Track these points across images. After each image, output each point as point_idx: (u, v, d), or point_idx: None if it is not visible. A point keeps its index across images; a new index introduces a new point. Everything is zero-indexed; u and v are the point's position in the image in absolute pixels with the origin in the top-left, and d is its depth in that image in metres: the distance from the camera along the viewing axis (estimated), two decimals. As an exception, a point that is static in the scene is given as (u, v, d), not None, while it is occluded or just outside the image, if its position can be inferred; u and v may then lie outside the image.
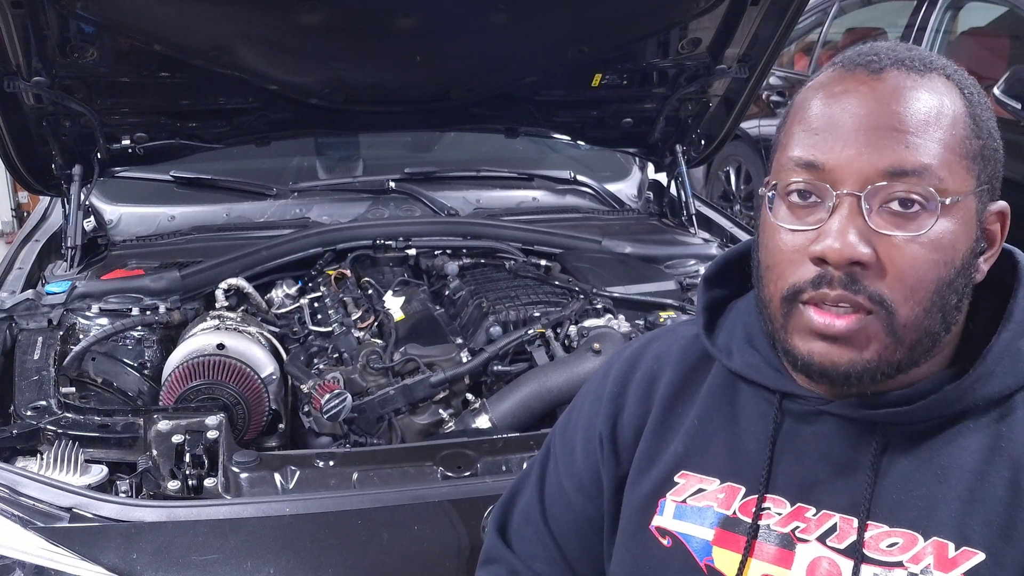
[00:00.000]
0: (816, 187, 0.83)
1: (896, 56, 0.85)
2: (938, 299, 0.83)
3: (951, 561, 0.82)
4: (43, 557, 1.30)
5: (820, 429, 0.91)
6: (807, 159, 0.84)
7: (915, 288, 0.81)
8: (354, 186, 2.80)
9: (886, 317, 0.82)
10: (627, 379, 1.06)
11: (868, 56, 0.86)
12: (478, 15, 2.14)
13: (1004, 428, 0.85)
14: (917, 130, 0.81)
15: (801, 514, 0.90)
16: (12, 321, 1.98)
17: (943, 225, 0.81)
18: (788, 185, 0.85)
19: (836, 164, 0.82)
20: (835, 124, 0.83)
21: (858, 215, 0.81)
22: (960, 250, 0.83)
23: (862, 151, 0.81)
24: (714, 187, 5.90)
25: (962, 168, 0.82)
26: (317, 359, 2.02)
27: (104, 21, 2.02)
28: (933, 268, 0.82)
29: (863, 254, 0.80)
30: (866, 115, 0.82)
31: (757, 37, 2.38)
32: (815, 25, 5.61)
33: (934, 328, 0.84)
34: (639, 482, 1.00)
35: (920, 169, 0.80)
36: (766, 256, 0.88)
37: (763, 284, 0.89)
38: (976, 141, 0.83)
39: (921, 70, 0.84)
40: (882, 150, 0.81)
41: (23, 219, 5.44)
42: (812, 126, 0.84)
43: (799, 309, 0.85)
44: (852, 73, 0.85)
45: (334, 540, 1.38)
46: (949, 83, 0.84)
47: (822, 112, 0.84)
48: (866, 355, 0.83)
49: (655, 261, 2.46)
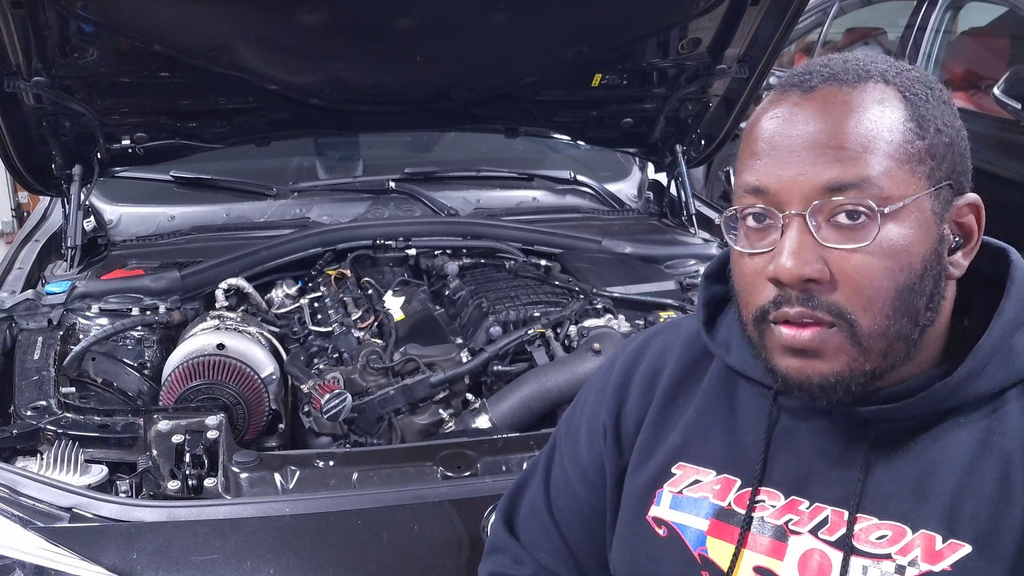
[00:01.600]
0: (766, 210, 0.86)
1: (829, 72, 0.86)
2: (900, 304, 0.83)
3: (938, 553, 0.83)
4: (43, 557, 1.30)
5: (814, 424, 0.93)
6: (753, 184, 0.86)
7: (872, 298, 0.83)
8: (354, 186, 2.80)
9: (848, 328, 0.83)
10: (631, 371, 1.08)
11: (802, 76, 0.88)
12: (478, 15, 2.14)
13: (995, 423, 0.86)
14: (851, 143, 0.82)
15: (795, 507, 0.91)
16: (12, 321, 1.98)
17: (892, 231, 0.82)
18: (743, 211, 0.88)
19: (779, 186, 0.84)
20: (774, 147, 0.85)
21: (806, 232, 0.83)
22: (917, 253, 0.84)
23: (801, 170, 0.83)
24: (714, 187, 5.89)
25: (904, 172, 0.83)
26: (317, 359, 2.02)
27: (104, 21, 2.02)
28: (888, 275, 0.82)
29: (815, 270, 0.82)
30: (799, 135, 0.84)
31: (757, 37, 2.38)
32: (815, 25, 5.60)
33: (904, 332, 0.85)
34: (638, 472, 1.02)
35: (858, 181, 0.82)
36: (736, 281, 0.92)
37: (738, 308, 0.92)
38: (919, 142, 0.84)
39: (854, 82, 0.85)
40: (819, 167, 0.82)
41: (23, 219, 5.44)
42: (755, 151, 0.87)
43: (770, 328, 0.87)
44: (787, 95, 0.87)
45: (334, 540, 1.38)
46: (887, 88, 0.85)
47: (762, 136, 0.87)
48: (836, 367, 0.84)
49: (655, 261, 2.46)
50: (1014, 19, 4.24)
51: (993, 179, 3.75)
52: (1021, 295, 0.89)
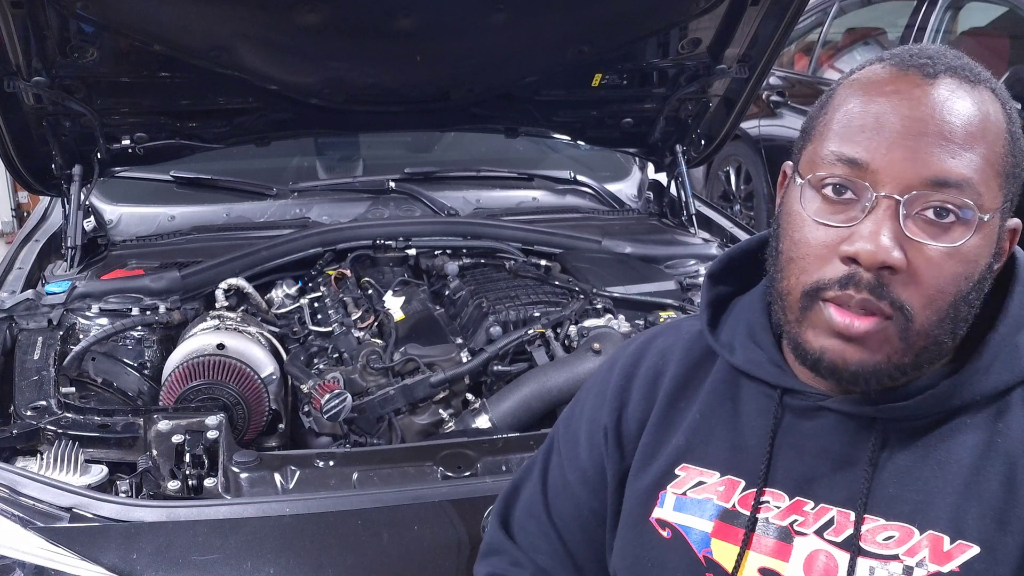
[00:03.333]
0: (855, 184, 0.82)
1: (949, 63, 0.84)
2: (952, 311, 0.83)
3: (946, 554, 0.83)
4: (43, 557, 1.30)
5: (819, 424, 0.92)
6: (850, 155, 0.82)
7: (934, 298, 0.82)
8: (354, 186, 2.80)
9: (903, 323, 0.82)
10: (632, 373, 1.07)
11: (921, 59, 0.84)
12: (478, 15, 2.14)
13: (1001, 424, 0.86)
14: (964, 142, 0.80)
15: (799, 508, 0.91)
16: (12, 321, 1.98)
17: (975, 240, 0.82)
18: (824, 178, 0.84)
19: (880, 165, 0.81)
20: (882, 124, 0.81)
21: (894, 219, 0.80)
22: (981, 265, 0.84)
23: (908, 156, 0.80)
24: (714, 187, 5.90)
25: (996, 185, 0.82)
26: (317, 359, 2.02)
27: (104, 21, 2.02)
28: (955, 281, 0.82)
29: (896, 259, 0.80)
30: (916, 120, 0.81)
31: (757, 37, 2.38)
32: (815, 25, 5.60)
33: (943, 337, 0.84)
34: (641, 475, 1.01)
35: (962, 182, 0.80)
36: (790, 247, 0.87)
37: (783, 276, 0.88)
38: (1011, 159, 0.84)
39: (973, 81, 0.84)
40: (928, 158, 0.80)
41: (23, 219, 5.44)
42: (858, 122, 0.83)
43: (819, 306, 0.84)
44: (905, 73, 0.83)
45: (334, 540, 1.38)
46: (995, 98, 0.84)
47: (869, 109, 0.83)
48: (877, 357, 0.83)
49: (655, 261, 2.46)
50: (1014, 19, 4.25)
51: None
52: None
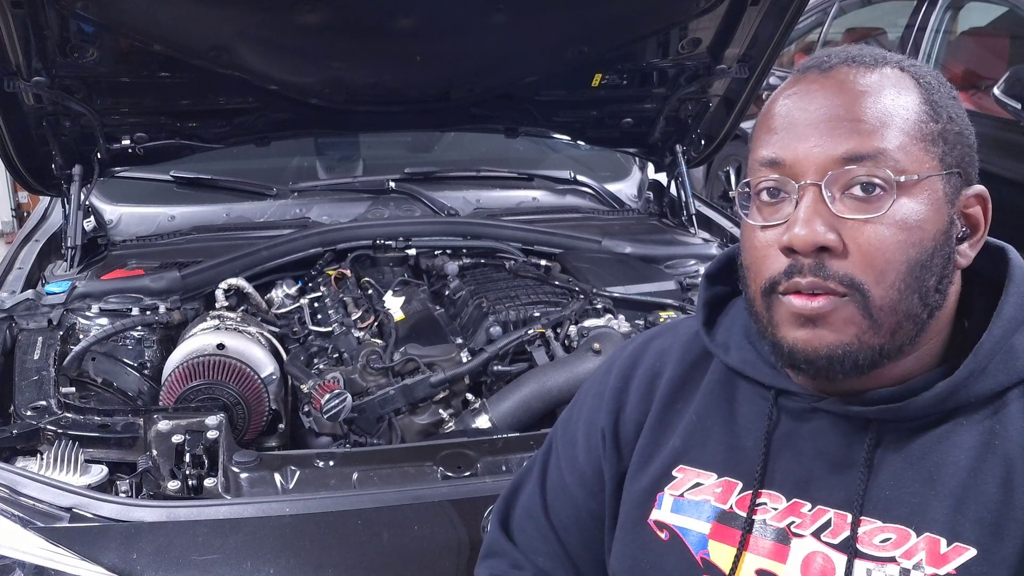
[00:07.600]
0: (781, 182, 0.86)
1: (847, 55, 0.89)
2: (912, 280, 0.84)
3: (943, 557, 0.83)
4: (43, 557, 1.30)
5: (815, 426, 0.92)
6: (769, 157, 0.87)
7: (884, 270, 0.83)
8: (354, 186, 2.80)
9: (860, 299, 0.83)
10: (629, 375, 1.07)
11: (820, 58, 0.90)
12: (478, 15, 2.14)
13: (997, 426, 0.86)
14: (868, 116, 0.84)
15: (797, 509, 0.91)
16: (12, 321, 1.98)
17: (906, 205, 0.83)
18: (757, 184, 0.89)
19: (795, 158, 0.85)
20: (792, 122, 0.87)
21: (821, 203, 0.84)
22: (929, 231, 0.84)
23: (818, 142, 0.84)
24: (714, 187, 5.89)
25: (919, 149, 0.84)
26: (317, 359, 2.02)
27: (104, 21, 2.02)
28: (900, 248, 0.83)
29: (828, 239, 0.83)
30: (817, 108, 0.86)
31: (757, 37, 2.39)
32: (815, 25, 5.60)
33: (913, 310, 0.85)
34: (638, 477, 1.02)
35: (875, 153, 0.83)
36: (745, 256, 0.92)
37: (746, 284, 0.92)
38: (932, 124, 0.86)
39: (871, 64, 0.88)
40: (836, 138, 0.84)
41: (23, 219, 5.44)
42: (772, 126, 0.88)
43: (779, 300, 0.87)
44: (805, 75, 0.89)
45: (334, 540, 1.38)
46: (902, 74, 0.88)
47: (779, 112, 0.88)
48: (845, 338, 0.84)
49: (655, 261, 2.46)
50: (1014, 19, 4.25)
51: (993, 179, 3.72)
52: (1020, 294, 0.89)
